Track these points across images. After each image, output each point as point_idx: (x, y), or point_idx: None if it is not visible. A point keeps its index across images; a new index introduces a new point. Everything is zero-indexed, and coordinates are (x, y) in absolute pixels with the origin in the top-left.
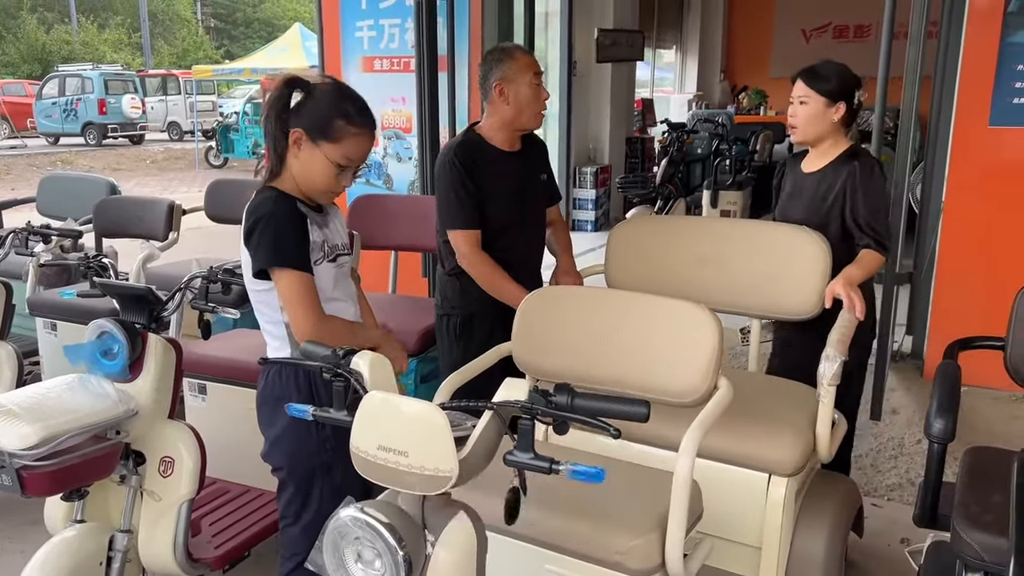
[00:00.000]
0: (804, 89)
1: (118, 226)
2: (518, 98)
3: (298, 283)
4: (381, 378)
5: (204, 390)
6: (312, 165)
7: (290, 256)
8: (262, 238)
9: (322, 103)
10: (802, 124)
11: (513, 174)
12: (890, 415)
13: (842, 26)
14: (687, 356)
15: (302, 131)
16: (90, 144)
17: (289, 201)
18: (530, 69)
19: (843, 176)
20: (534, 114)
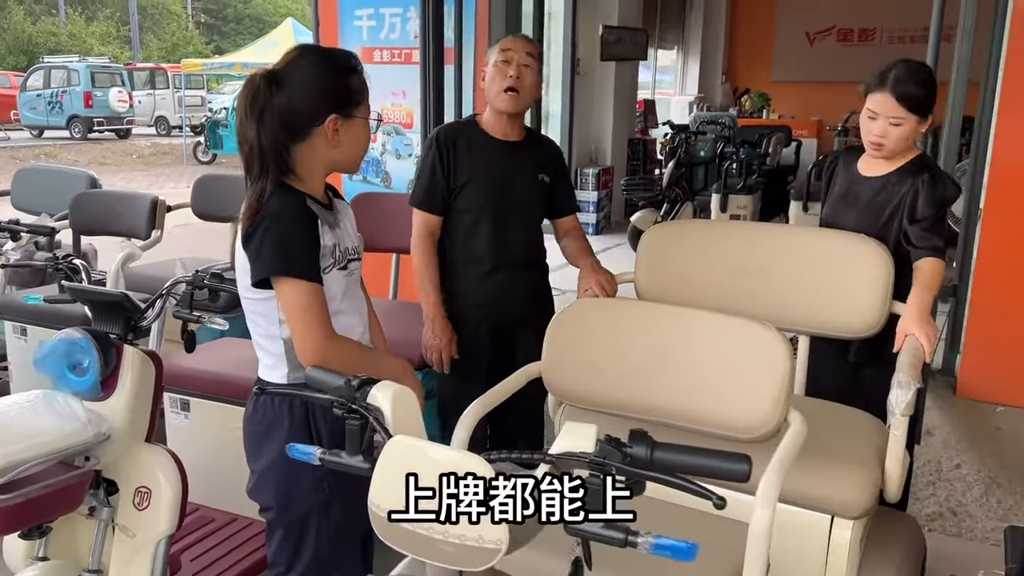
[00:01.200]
0: (898, 110)
1: (96, 223)
2: (487, 81)
3: (306, 295)
4: (407, 417)
5: (187, 407)
6: (357, 139)
7: (298, 263)
8: (265, 240)
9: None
10: (893, 144)
11: (497, 162)
12: (924, 436)
13: (846, 30)
14: (753, 384)
15: (336, 115)
16: (75, 138)
17: (298, 198)
18: (497, 49)
19: (907, 186)
20: (496, 92)
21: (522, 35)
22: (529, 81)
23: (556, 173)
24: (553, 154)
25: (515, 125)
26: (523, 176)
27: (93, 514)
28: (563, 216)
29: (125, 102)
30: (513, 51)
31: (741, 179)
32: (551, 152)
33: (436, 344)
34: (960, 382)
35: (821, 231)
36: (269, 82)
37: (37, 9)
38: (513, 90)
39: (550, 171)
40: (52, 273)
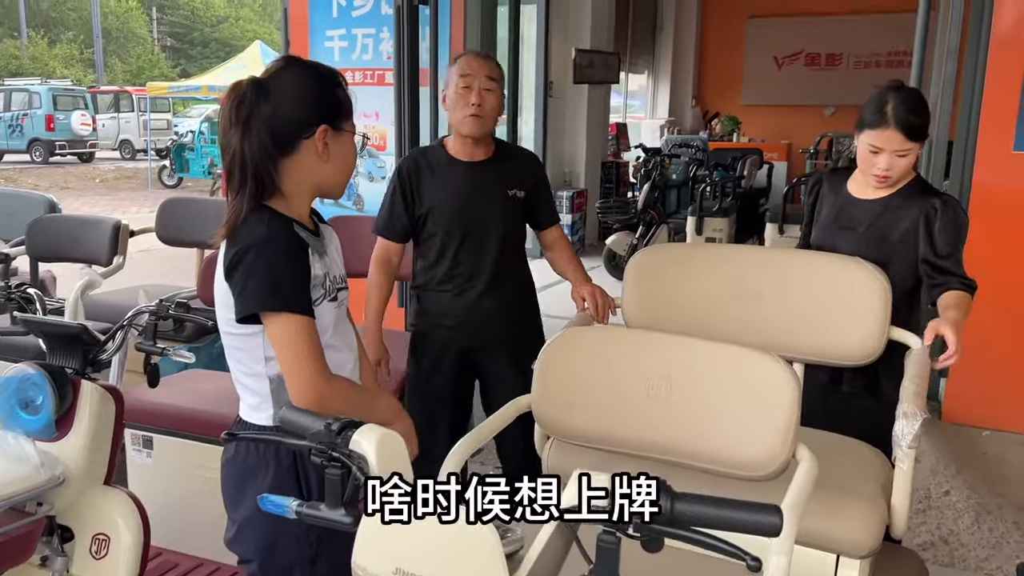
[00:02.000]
0: (904, 143)
1: (55, 248)
2: (449, 104)
3: (300, 332)
4: (394, 464)
5: (150, 444)
6: (346, 154)
7: (290, 297)
8: (252, 272)
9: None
10: (899, 175)
11: (460, 184)
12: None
13: (814, 54)
14: (758, 418)
15: (326, 126)
16: (36, 161)
17: (286, 224)
18: (457, 72)
19: (915, 212)
20: (460, 119)
21: (481, 54)
22: (491, 104)
23: (533, 185)
24: (527, 166)
25: (480, 145)
26: (489, 194)
27: (46, 564)
28: (544, 228)
29: (88, 125)
30: (473, 76)
31: (716, 202)
32: (525, 164)
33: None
34: (946, 406)
35: (816, 254)
36: (256, 89)
37: None
38: (476, 115)
39: (526, 184)
40: (3, 303)
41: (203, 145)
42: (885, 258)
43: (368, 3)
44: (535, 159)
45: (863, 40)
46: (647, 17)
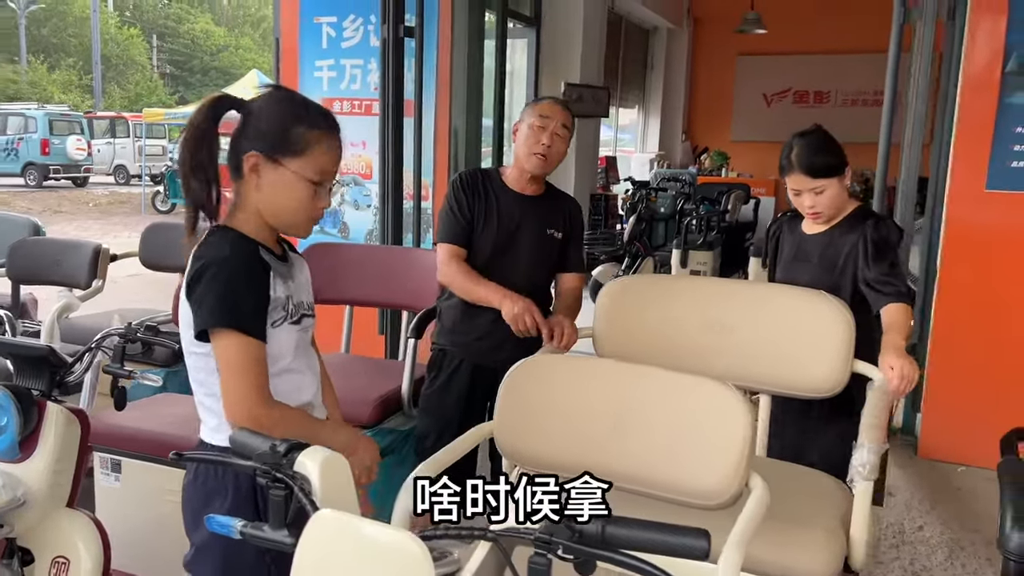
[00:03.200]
0: (814, 182)
1: (34, 271)
2: (519, 137)
3: (244, 352)
4: (337, 486)
5: (118, 468)
6: (280, 190)
7: (240, 315)
8: (209, 289)
9: (272, 114)
10: (828, 210)
11: (510, 213)
12: (886, 497)
13: (802, 91)
14: (711, 447)
15: (258, 153)
16: (30, 185)
17: (249, 246)
18: (536, 112)
19: (855, 236)
20: (527, 154)
21: (562, 103)
22: (559, 149)
23: (569, 231)
24: (569, 211)
25: (535, 182)
26: (530, 229)
27: None
28: (565, 271)
29: (83, 150)
30: (551, 119)
31: (701, 235)
32: (567, 209)
33: (520, 310)
34: (921, 442)
35: (784, 288)
36: (232, 103)
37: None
38: (543, 156)
39: (563, 227)
40: None
41: None
42: (835, 283)
43: (357, 35)
44: (577, 206)
45: (851, 78)
46: (638, 53)
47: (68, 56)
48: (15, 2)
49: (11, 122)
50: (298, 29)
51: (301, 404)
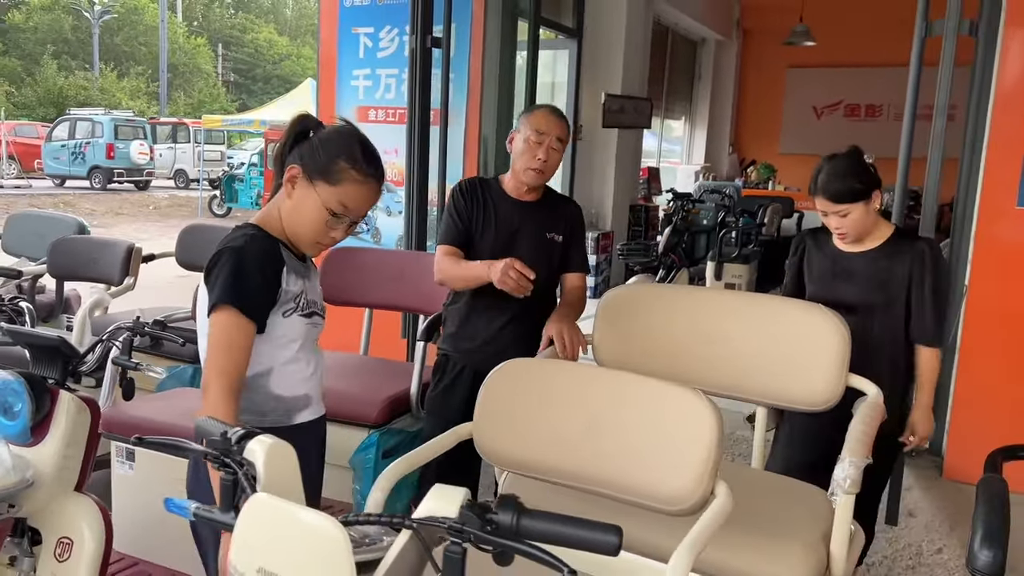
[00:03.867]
0: (837, 207)
1: (72, 268)
2: (515, 149)
3: (233, 328)
4: (281, 474)
5: (132, 456)
6: (303, 207)
7: (241, 294)
8: (221, 271)
9: (328, 141)
10: (854, 232)
11: (508, 219)
12: (906, 518)
13: (853, 105)
14: (677, 454)
15: (299, 167)
16: (95, 188)
17: (269, 242)
18: (532, 126)
19: (908, 258)
20: (523, 168)
21: (557, 113)
22: (554, 161)
23: (570, 233)
24: (569, 214)
25: (533, 190)
26: (530, 234)
27: (14, 564)
28: (568, 271)
29: (146, 155)
30: (547, 134)
31: (737, 248)
32: (567, 212)
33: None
34: (947, 463)
35: (782, 300)
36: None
37: (73, 64)
38: (539, 171)
39: (563, 230)
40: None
41: (252, 177)
42: (889, 300)
43: (392, 45)
44: (577, 209)
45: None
46: (685, 65)
47: (137, 64)
48: (90, 12)
49: (80, 127)
50: (337, 39)
51: (297, 396)
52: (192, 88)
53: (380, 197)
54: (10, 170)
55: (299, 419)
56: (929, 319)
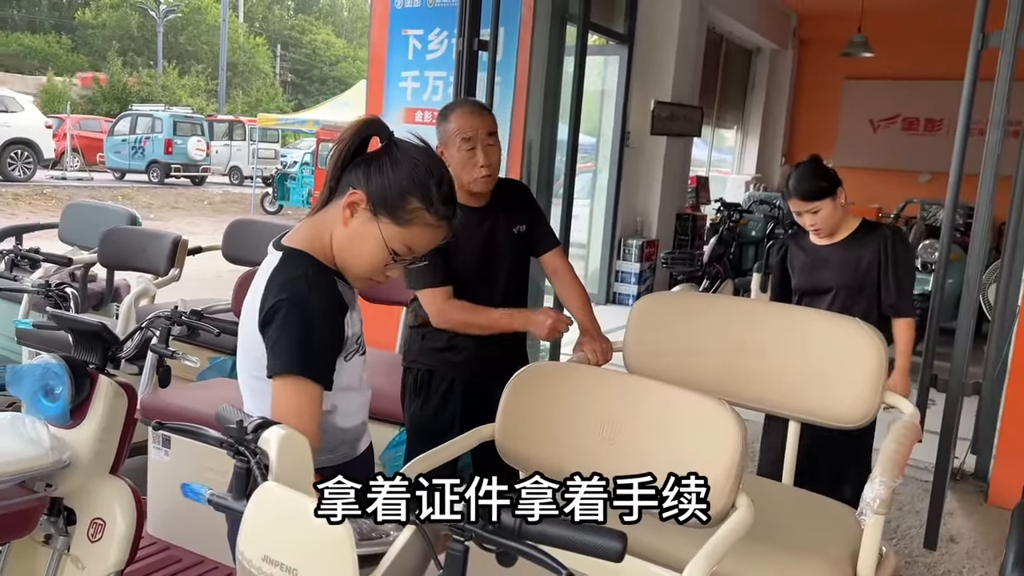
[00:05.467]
0: (808, 205)
1: (121, 257)
2: (452, 163)
3: (309, 398)
4: (292, 465)
5: (168, 443)
6: (362, 241)
7: (314, 365)
8: (284, 331)
9: (403, 171)
10: (826, 226)
11: (471, 231)
12: (947, 543)
13: (912, 118)
14: (698, 465)
15: (365, 197)
16: (153, 182)
17: (328, 284)
18: (456, 133)
19: (874, 243)
20: (470, 180)
21: (476, 107)
22: (496, 158)
23: (529, 216)
24: (521, 198)
25: (483, 193)
26: (500, 238)
27: (49, 542)
28: (543, 253)
29: (202, 151)
30: (475, 137)
31: None
32: (518, 198)
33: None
34: (992, 489)
35: (820, 313)
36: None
37: (139, 61)
38: (487, 176)
39: (524, 218)
40: (43, 299)
41: (304, 175)
42: (860, 283)
43: (441, 47)
44: (526, 189)
45: None
46: (739, 73)
47: (199, 62)
48: (155, 10)
49: (140, 122)
50: (387, 41)
51: (357, 425)
52: (250, 87)
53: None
54: (74, 163)
55: (361, 448)
56: (895, 294)
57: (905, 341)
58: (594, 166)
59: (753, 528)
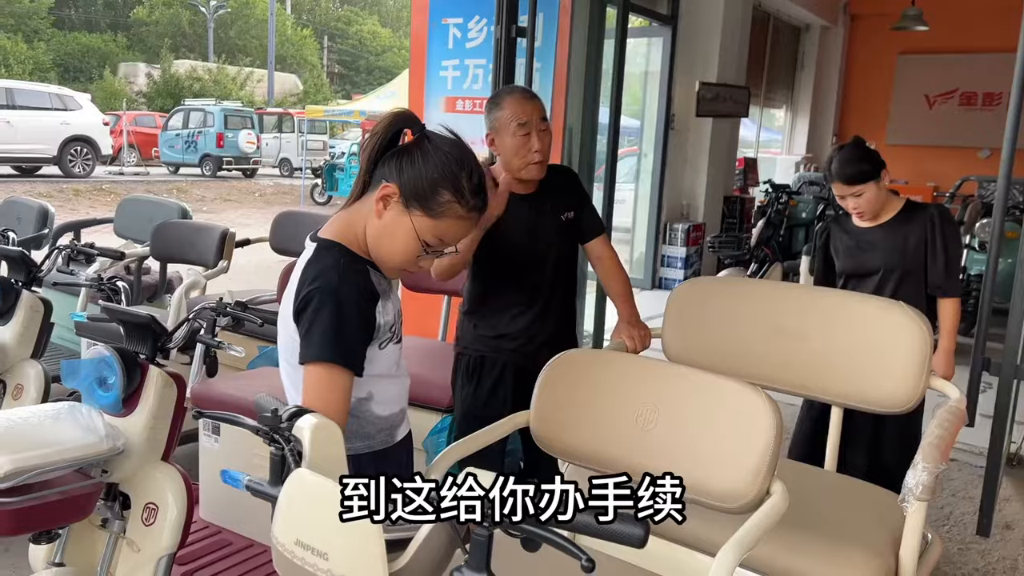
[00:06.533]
0: (852, 188)
1: (172, 250)
2: (504, 149)
3: (338, 385)
4: (325, 451)
5: (217, 430)
6: (394, 232)
7: (345, 351)
8: (317, 319)
9: (434, 164)
10: (870, 209)
11: (521, 218)
12: (1002, 530)
13: (970, 93)
14: (733, 451)
15: (398, 188)
16: (205, 175)
17: (360, 271)
18: (510, 118)
19: (920, 224)
20: (523, 165)
21: (527, 94)
22: (548, 143)
23: (579, 202)
24: (570, 186)
25: (532, 181)
26: (548, 224)
27: (106, 526)
28: (588, 240)
29: (253, 143)
30: (529, 121)
31: None
32: (568, 185)
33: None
34: None
35: (862, 297)
36: (414, 121)
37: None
38: (539, 161)
39: (572, 205)
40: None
41: (352, 166)
42: (906, 265)
43: (481, 35)
44: (574, 175)
45: None
46: (787, 51)
47: (247, 56)
48: (205, 6)
49: (193, 117)
50: (427, 29)
51: (395, 413)
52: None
53: None
54: (130, 158)
55: (399, 435)
56: (942, 274)
57: (951, 321)
58: (639, 150)
59: (793, 514)
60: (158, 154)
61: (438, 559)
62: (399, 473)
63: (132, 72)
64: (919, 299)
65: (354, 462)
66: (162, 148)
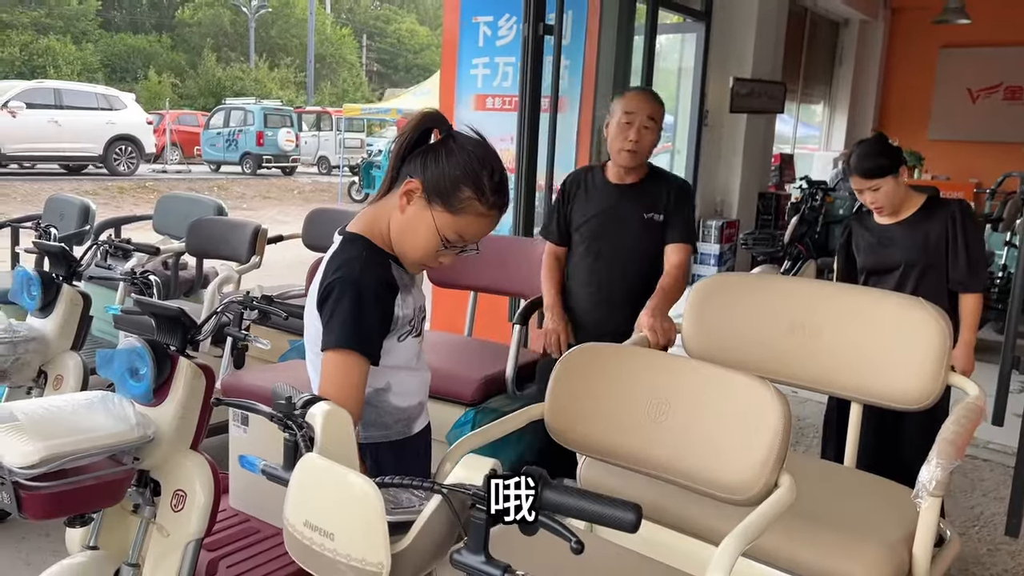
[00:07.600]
0: (869, 182)
1: (207, 246)
2: (609, 134)
3: (354, 371)
4: (336, 437)
5: (246, 420)
6: (416, 227)
7: (363, 339)
8: (338, 307)
9: (457, 162)
10: (888, 204)
11: (608, 205)
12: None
13: (1015, 87)
14: (741, 444)
15: (421, 184)
16: (246, 173)
17: (381, 263)
18: (622, 108)
19: (942, 220)
20: (617, 150)
21: (647, 92)
22: (648, 141)
23: (673, 209)
24: (671, 192)
25: (632, 171)
26: (630, 216)
27: (137, 511)
28: (668, 243)
29: (292, 142)
30: (636, 114)
31: None
32: (670, 189)
33: (553, 328)
34: None
35: (881, 293)
36: (441, 120)
37: (232, 56)
38: (632, 151)
39: (667, 207)
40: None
41: None
42: (928, 260)
43: (510, 34)
44: (681, 187)
45: None
46: (825, 46)
47: (288, 55)
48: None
49: (233, 115)
50: (458, 28)
51: (413, 405)
52: (337, 78)
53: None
54: (173, 156)
55: (417, 427)
56: (964, 270)
57: (972, 316)
58: (672, 146)
59: (809, 508)
60: (200, 152)
61: (439, 542)
62: (416, 463)
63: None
64: (940, 294)
65: (372, 451)
66: (204, 146)
